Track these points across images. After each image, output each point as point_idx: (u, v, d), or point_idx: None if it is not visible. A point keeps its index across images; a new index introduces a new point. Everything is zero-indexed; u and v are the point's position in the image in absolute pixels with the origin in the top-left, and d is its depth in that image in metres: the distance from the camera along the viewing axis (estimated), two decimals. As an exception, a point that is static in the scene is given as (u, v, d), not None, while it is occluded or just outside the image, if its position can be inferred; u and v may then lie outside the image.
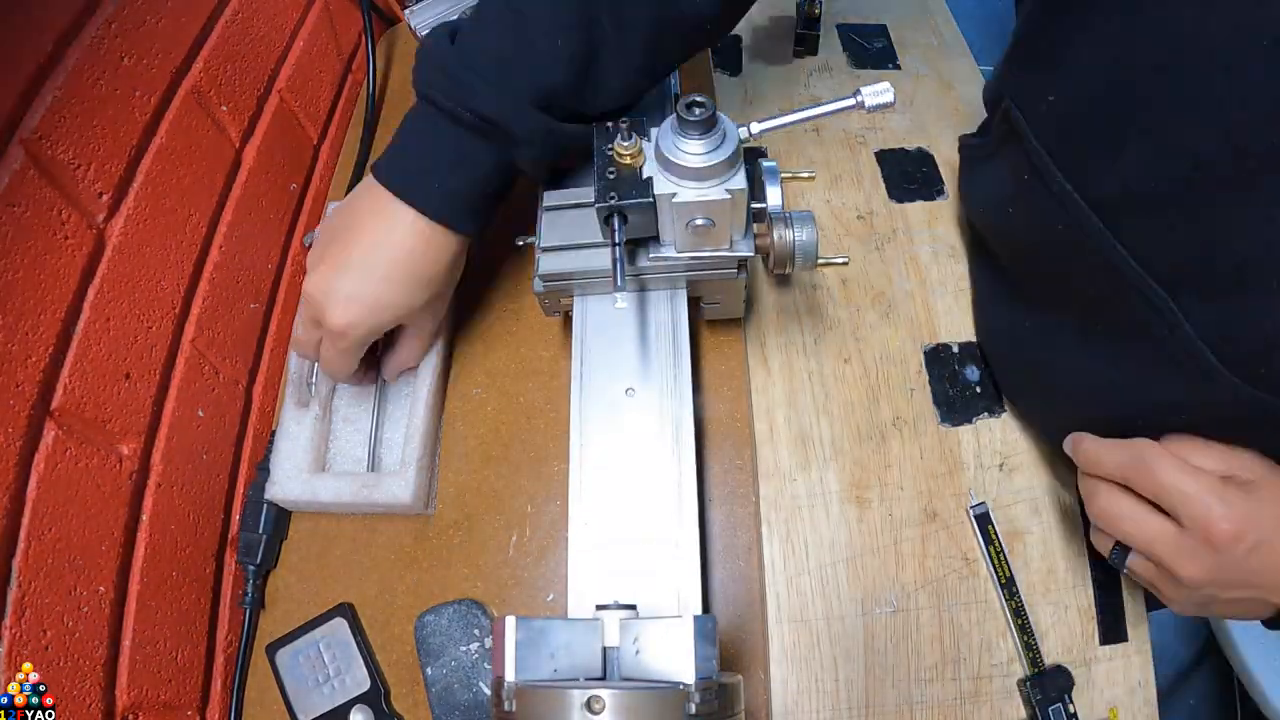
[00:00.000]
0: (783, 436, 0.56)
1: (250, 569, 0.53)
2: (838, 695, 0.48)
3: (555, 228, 0.47)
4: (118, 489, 0.44)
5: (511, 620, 0.32)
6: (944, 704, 0.48)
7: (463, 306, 0.63)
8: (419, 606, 0.51)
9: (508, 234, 0.66)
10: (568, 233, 0.47)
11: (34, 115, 0.40)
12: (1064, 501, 0.53)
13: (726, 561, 0.52)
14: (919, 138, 0.69)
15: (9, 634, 0.36)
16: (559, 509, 0.54)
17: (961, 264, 0.62)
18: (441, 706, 0.48)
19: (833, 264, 0.54)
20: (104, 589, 0.42)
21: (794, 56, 0.76)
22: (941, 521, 0.52)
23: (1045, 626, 0.49)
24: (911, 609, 0.50)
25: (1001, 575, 0.50)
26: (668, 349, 0.47)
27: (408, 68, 0.79)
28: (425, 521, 0.54)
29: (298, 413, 0.56)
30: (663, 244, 0.44)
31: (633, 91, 0.46)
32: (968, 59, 0.76)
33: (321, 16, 0.72)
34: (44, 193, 0.40)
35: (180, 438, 0.50)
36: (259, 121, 0.62)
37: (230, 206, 0.57)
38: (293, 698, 0.49)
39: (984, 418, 0.56)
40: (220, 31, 0.56)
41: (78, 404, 0.42)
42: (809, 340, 0.59)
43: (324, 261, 0.45)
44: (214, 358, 0.55)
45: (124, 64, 0.47)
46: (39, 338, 0.40)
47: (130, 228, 0.47)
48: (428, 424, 0.55)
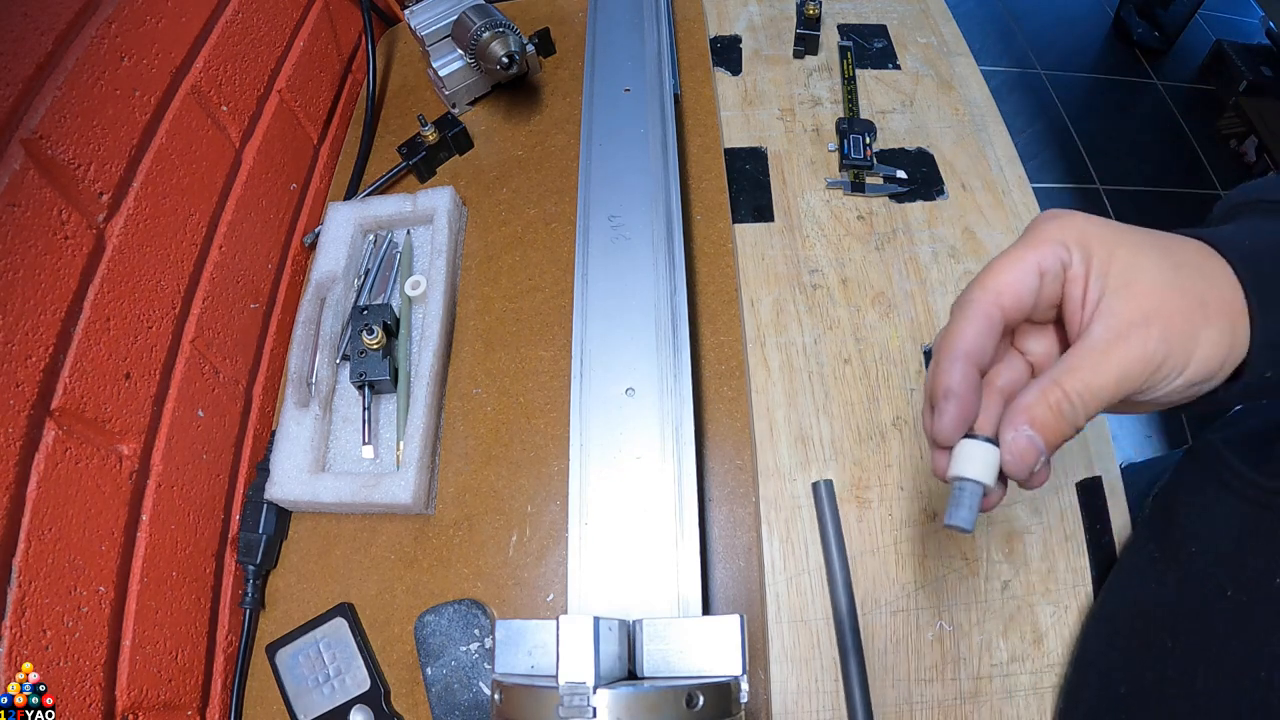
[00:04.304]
0: (783, 436, 0.56)
1: (250, 569, 0.53)
2: (838, 695, 0.48)
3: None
4: (118, 489, 0.44)
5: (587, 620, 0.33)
6: (944, 704, 0.48)
7: (463, 306, 0.63)
8: (419, 606, 0.51)
9: (508, 234, 0.66)
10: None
11: (34, 115, 0.40)
12: (1064, 502, 0.53)
13: (726, 561, 0.52)
14: (919, 138, 0.69)
15: (9, 634, 0.36)
16: (559, 509, 0.54)
17: (962, 264, 0.62)
18: (441, 706, 0.48)
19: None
20: (104, 589, 0.42)
21: (794, 56, 0.76)
22: (941, 521, 0.52)
23: (1045, 626, 0.49)
24: (911, 609, 0.50)
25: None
26: (668, 349, 0.47)
27: (408, 68, 0.80)
28: (425, 521, 0.54)
29: (298, 413, 0.56)
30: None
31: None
32: (968, 59, 0.76)
33: (321, 16, 0.72)
34: (44, 193, 0.40)
35: (180, 438, 0.50)
36: (259, 121, 0.62)
37: (230, 206, 0.57)
38: (293, 698, 0.49)
39: (984, 418, 0.56)
40: (220, 31, 0.56)
41: (78, 404, 0.42)
42: (809, 340, 0.59)
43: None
44: (214, 358, 0.55)
45: (124, 64, 0.47)
46: (39, 338, 0.40)
47: (130, 228, 0.47)
48: (428, 424, 0.55)
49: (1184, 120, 1.99)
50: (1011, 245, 0.31)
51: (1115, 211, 1.79)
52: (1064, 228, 0.30)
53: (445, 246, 0.63)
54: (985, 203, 0.66)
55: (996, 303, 0.30)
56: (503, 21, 0.65)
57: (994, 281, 0.30)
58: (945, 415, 0.30)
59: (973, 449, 0.29)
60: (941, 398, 0.30)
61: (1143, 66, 2.11)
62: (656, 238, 0.52)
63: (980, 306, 0.30)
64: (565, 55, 0.78)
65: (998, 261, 0.30)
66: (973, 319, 0.30)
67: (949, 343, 0.30)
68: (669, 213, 0.53)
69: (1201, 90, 2.04)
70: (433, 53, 0.72)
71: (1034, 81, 2.06)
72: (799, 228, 0.65)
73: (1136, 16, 2.12)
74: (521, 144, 0.72)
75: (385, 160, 0.73)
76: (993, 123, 0.71)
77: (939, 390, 0.30)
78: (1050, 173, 1.89)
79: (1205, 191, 1.85)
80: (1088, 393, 0.28)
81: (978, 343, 0.30)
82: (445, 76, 0.71)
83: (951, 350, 0.30)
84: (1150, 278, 0.28)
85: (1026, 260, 0.30)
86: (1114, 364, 0.27)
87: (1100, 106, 2.03)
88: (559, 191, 0.68)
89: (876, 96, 0.73)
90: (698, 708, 0.31)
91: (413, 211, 0.65)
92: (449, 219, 0.64)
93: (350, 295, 0.63)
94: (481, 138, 0.73)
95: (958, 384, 0.29)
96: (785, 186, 0.68)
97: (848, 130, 0.68)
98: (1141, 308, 0.28)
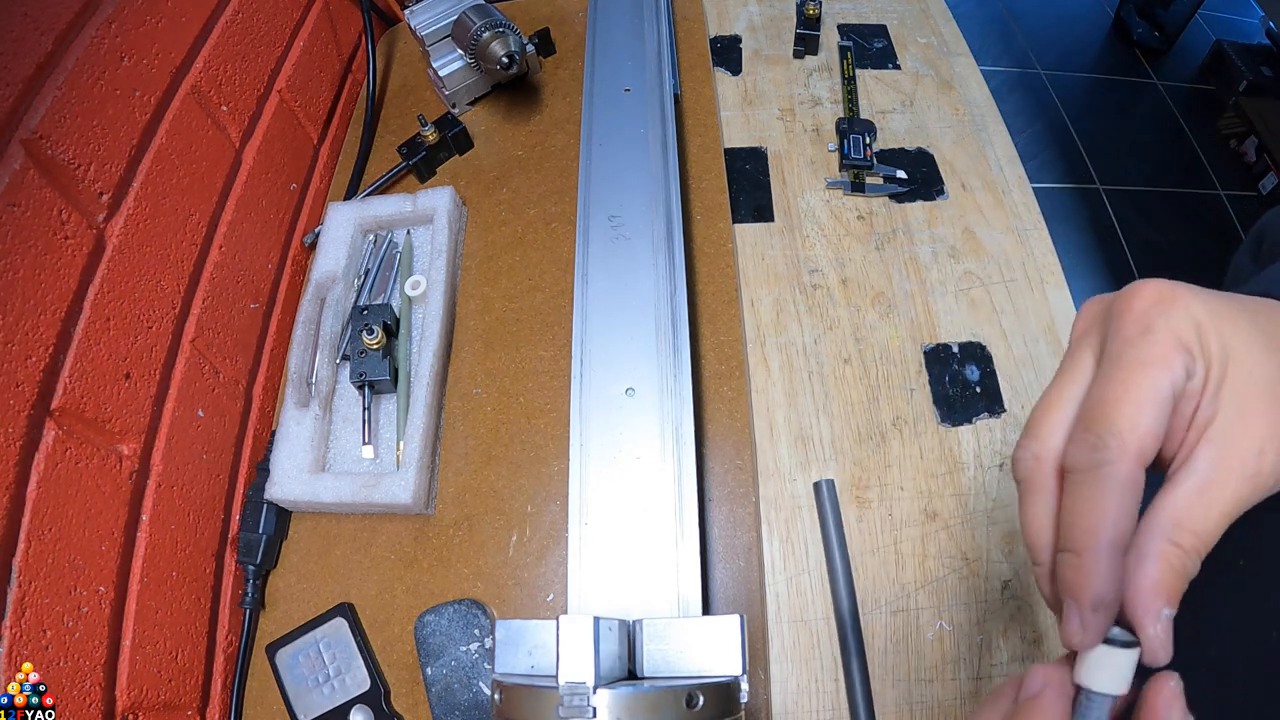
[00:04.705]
0: (783, 436, 0.56)
1: (250, 569, 0.53)
2: (838, 695, 0.48)
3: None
4: (118, 489, 0.44)
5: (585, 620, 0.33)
6: (944, 704, 0.48)
7: (463, 306, 0.63)
8: (419, 606, 0.51)
9: (508, 234, 0.66)
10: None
11: (34, 115, 0.40)
12: (1064, 501, 0.53)
13: (726, 561, 0.52)
14: (919, 138, 0.69)
15: (9, 634, 0.36)
16: (559, 509, 0.54)
17: (962, 264, 0.62)
18: (441, 706, 0.48)
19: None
20: (104, 589, 0.42)
21: (794, 56, 0.76)
22: (941, 521, 0.52)
23: (1045, 626, 0.49)
24: (911, 609, 0.50)
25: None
26: (668, 349, 0.47)
27: (408, 68, 0.80)
28: (425, 521, 0.54)
29: (298, 413, 0.56)
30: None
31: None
32: (968, 59, 0.76)
33: (321, 16, 0.72)
34: (44, 193, 0.40)
35: (180, 438, 0.50)
36: (259, 121, 0.62)
37: (230, 206, 0.57)
38: (293, 698, 0.49)
39: (984, 418, 0.56)
40: (220, 31, 0.56)
41: (78, 404, 0.42)
42: (809, 340, 0.59)
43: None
44: (214, 358, 0.55)
45: (124, 64, 0.47)
46: (39, 338, 0.40)
47: (130, 228, 0.47)
48: (428, 424, 0.55)
49: (1184, 120, 1.99)
50: (1121, 358, 0.24)
51: (1115, 211, 1.79)
52: (1185, 328, 0.23)
53: (445, 246, 0.63)
54: (985, 203, 0.66)
55: (1140, 462, 0.22)
56: (503, 21, 0.65)
57: (1135, 434, 0.22)
58: (1093, 628, 0.23)
59: (1112, 658, 0.23)
60: (1090, 609, 0.23)
61: (1143, 66, 2.11)
62: (656, 238, 0.52)
63: (1125, 471, 0.22)
64: (565, 55, 0.78)
65: (1126, 394, 0.23)
66: (1119, 493, 0.22)
67: (1094, 526, 0.22)
68: (669, 213, 0.53)
69: (1201, 90, 2.04)
70: (433, 53, 0.72)
71: (1034, 81, 2.06)
72: (799, 228, 0.65)
73: (1136, 16, 2.12)
74: (521, 144, 0.72)
75: (385, 160, 0.73)
76: (993, 123, 0.71)
77: (1085, 597, 0.23)
78: (1050, 173, 1.89)
79: (1205, 191, 1.85)
80: (1202, 544, 0.23)
81: (1126, 524, 0.23)
82: (445, 76, 0.71)
83: (1097, 541, 0.22)
84: (1264, 389, 0.23)
85: (1161, 390, 0.23)
86: (1231, 501, 0.23)
87: (1100, 106, 2.03)
88: (559, 191, 0.68)
89: (876, 96, 0.73)
90: (698, 708, 0.31)
91: (413, 211, 0.65)
92: (449, 219, 0.64)
93: (350, 295, 0.63)
94: (481, 138, 0.73)
95: (1110, 590, 0.23)
96: (785, 186, 0.68)
97: (848, 130, 0.68)
98: (1259, 434, 0.23)
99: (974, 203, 0.65)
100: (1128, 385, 0.23)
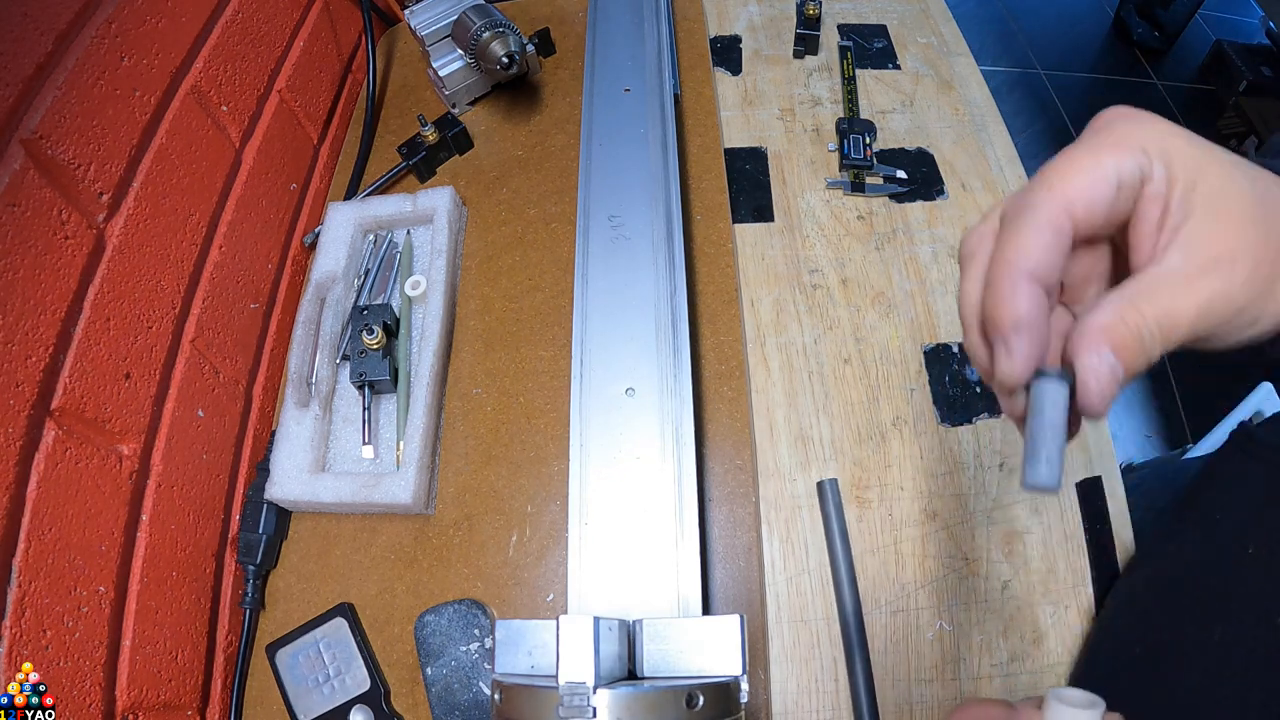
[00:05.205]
0: (783, 436, 0.56)
1: (250, 569, 0.53)
2: (838, 695, 0.48)
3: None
4: (118, 489, 0.44)
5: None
6: (944, 704, 0.48)
7: (463, 306, 0.63)
8: (419, 606, 0.51)
9: (508, 234, 0.66)
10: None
11: (34, 115, 0.40)
12: (1064, 502, 0.53)
13: (726, 561, 0.52)
14: (919, 138, 0.69)
15: (9, 634, 0.36)
16: (559, 509, 0.53)
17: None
18: (441, 706, 0.48)
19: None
20: (104, 589, 0.42)
21: (794, 56, 0.76)
22: (941, 521, 0.52)
23: (1045, 626, 0.49)
24: (911, 609, 0.50)
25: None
26: (668, 349, 0.47)
27: (407, 68, 0.80)
28: (425, 521, 0.54)
29: (298, 413, 0.56)
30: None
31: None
32: (968, 59, 0.76)
33: (321, 16, 0.72)
34: (44, 193, 0.40)
35: (180, 438, 0.50)
36: (259, 121, 0.62)
37: (230, 206, 0.57)
38: (293, 698, 0.49)
39: (984, 418, 0.56)
40: (220, 31, 0.56)
41: (78, 404, 0.42)
42: (809, 340, 0.59)
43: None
44: (214, 358, 0.55)
45: (124, 64, 0.47)
46: (39, 338, 0.40)
47: (130, 228, 0.47)
48: (428, 424, 0.55)
49: (1184, 120, 1.97)
50: (1077, 144, 0.25)
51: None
52: (1145, 133, 0.24)
53: (445, 246, 0.63)
54: (985, 203, 0.65)
55: (1067, 212, 0.23)
56: (503, 21, 0.65)
57: (1064, 186, 0.23)
58: (1018, 352, 0.24)
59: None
60: (1010, 330, 0.23)
61: (1143, 66, 2.11)
62: (656, 238, 0.52)
63: (1047, 214, 0.23)
64: (565, 55, 0.78)
65: (1065, 162, 0.24)
66: (1039, 230, 0.23)
67: (1009, 257, 0.23)
68: (669, 213, 0.53)
69: (1201, 90, 2.04)
70: (433, 53, 0.72)
71: (1034, 81, 2.06)
72: (799, 228, 0.65)
73: (1136, 16, 2.12)
74: (521, 144, 0.72)
75: (385, 160, 0.73)
76: (993, 123, 0.71)
77: (1005, 320, 0.23)
78: (1050, 173, 1.88)
79: (1205, 191, 1.85)
80: (1168, 321, 0.23)
81: (1046, 259, 0.23)
82: (445, 76, 0.71)
83: (1013, 268, 0.23)
84: (1240, 211, 0.23)
85: (1104, 165, 0.23)
86: (1197, 297, 0.23)
87: (1100, 106, 2.00)
88: (559, 191, 0.68)
89: (876, 96, 0.73)
90: (698, 708, 0.31)
91: (413, 211, 0.65)
92: (449, 219, 0.64)
93: (350, 295, 0.63)
94: (481, 138, 0.73)
95: (1027, 310, 0.23)
96: (785, 186, 0.68)
97: (848, 130, 0.68)
98: (1229, 243, 0.23)
99: (974, 203, 0.65)
100: (1069, 157, 0.24)
